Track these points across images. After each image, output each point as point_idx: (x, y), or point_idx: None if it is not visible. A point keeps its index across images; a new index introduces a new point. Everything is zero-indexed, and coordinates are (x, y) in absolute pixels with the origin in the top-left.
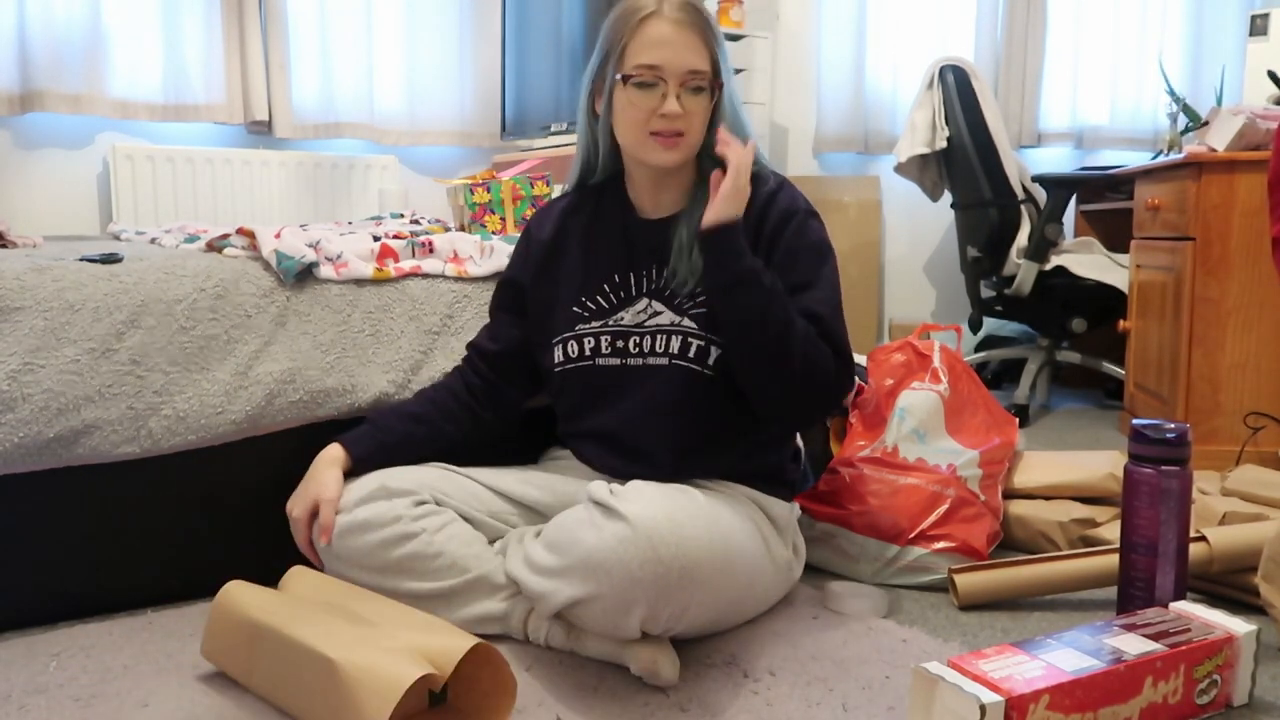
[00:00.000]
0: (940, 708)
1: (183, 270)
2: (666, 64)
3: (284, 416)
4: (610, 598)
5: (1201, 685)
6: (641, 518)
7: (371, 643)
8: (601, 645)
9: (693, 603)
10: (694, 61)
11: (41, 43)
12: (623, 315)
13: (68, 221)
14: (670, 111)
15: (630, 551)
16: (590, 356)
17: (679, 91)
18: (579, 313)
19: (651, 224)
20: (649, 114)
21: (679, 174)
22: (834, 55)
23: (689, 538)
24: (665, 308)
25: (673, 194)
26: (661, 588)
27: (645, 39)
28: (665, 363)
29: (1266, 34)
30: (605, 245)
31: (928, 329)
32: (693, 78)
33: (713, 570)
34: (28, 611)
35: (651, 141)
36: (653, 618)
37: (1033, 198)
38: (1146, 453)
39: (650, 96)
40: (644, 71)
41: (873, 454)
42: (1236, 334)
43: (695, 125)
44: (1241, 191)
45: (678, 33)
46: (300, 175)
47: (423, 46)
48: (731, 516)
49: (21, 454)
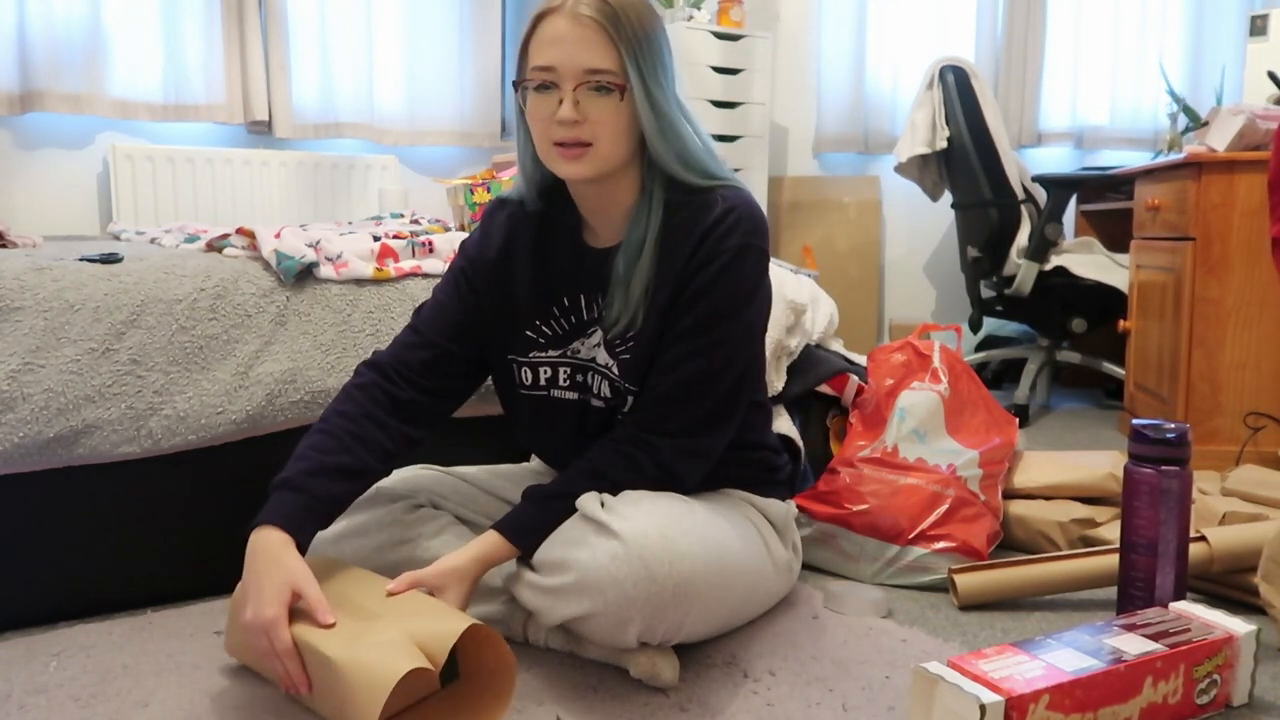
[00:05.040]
0: (940, 708)
1: (182, 270)
2: (560, 64)
3: (284, 416)
4: (605, 615)
5: (1201, 685)
6: (634, 535)
7: (370, 637)
8: (602, 648)
9: (689, 617)
10: (591, 59)
11: (41, 43)
12: (579, 347)
13: (68, 221)
14: (563, 117)
15: (623, 570)
16: (546, 387)
17: (577, 94)
18: (533, 338)
19: (595, 252)
20: (548, 122)
21: (616, 190)
22: (834, 55)
23: (683, 554)
24: (602, 344)
25: (614, 215)
26: (656, 606)
27: (541, 38)
28: (603, 406)
29: (1266, 34)
30: (553, 264)
31: (928, 329)
32: (591, 77)
33: (708, 586)
34: (28, 611)
35: (555, 153)
36: (649, 632)
37: (1033, 198)
38: (1146, 453)
39: (548, 102)
40: (537, 74)
41: (873, 454)
42: (1236, 334)
43: (603, 133)
44: (1241, 191)
45: (574, 29)
46: (300, 175)
47: (423, 46)
48: (729, 525)
49: (21, 454)
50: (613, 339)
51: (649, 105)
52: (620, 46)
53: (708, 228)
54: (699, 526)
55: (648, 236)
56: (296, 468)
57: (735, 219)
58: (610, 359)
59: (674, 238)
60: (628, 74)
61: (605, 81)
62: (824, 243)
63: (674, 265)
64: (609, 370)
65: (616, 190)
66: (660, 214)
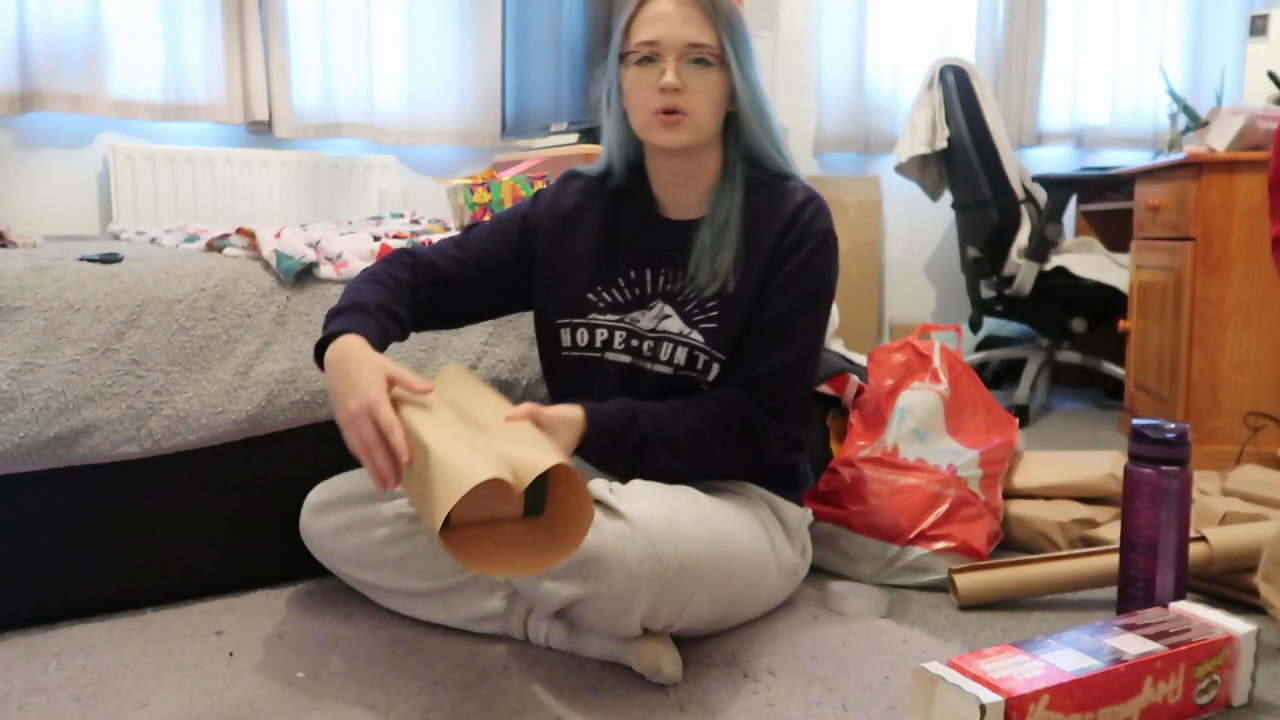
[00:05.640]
0: (940, 708)
1: (182, 270)
2: (663, 38)
3: (284, 417)
4: (609, 596)
5: (1201, 685)
6: (640, 517)
7: (468, 442)
8: (603, 645)
9: (693, 599)
10: (693, 35)
11: (41, 43)
12: (638, 317)
13: (68, 221)
14: (666, 83)
15: (629, 549)
16: (600, 349)
17: (678, 66)
18: (593, 300)
19: (672, 224)
20: (651, 91)
21: (699, 167)
22: (834, 55)
23: (687, 536)
24: (675, 313)
25: (695, 191)
26: (661, 585)
27: (645, 17)
28: (670, 372)
29: (1266, 34)
30: (624, 235)
31: (928, 329)
32: (692, 50)
33: (711, 567)
34: (28, 611)
35: (655, 121)
36: (653, 615)
37: (1033, 198)
38: (1146, 453)
39: (651, 73)
40: (643, 48)
41: (873, 454)
42: (1236, 334)
43: (699, 103)
44: (1241, 192)
45: (678, 8)
46: (300, 175)
47: (423, 46)
48: (734, 516)
49: (21, 454)
50: (692, 309)
51: (745, 80)
52: (718, 25)
53: (795, 210)
54: (704, 513)
55: (732, 211)
56: (368, 298)
57: (818, 206)
58: (688, 328)
59: (759, 216)
60: (724, 49)
61: (705, 55)
62: None
63: (763, 243)
64: (686, 338)
65: (700, 166)
66: (742, 192)
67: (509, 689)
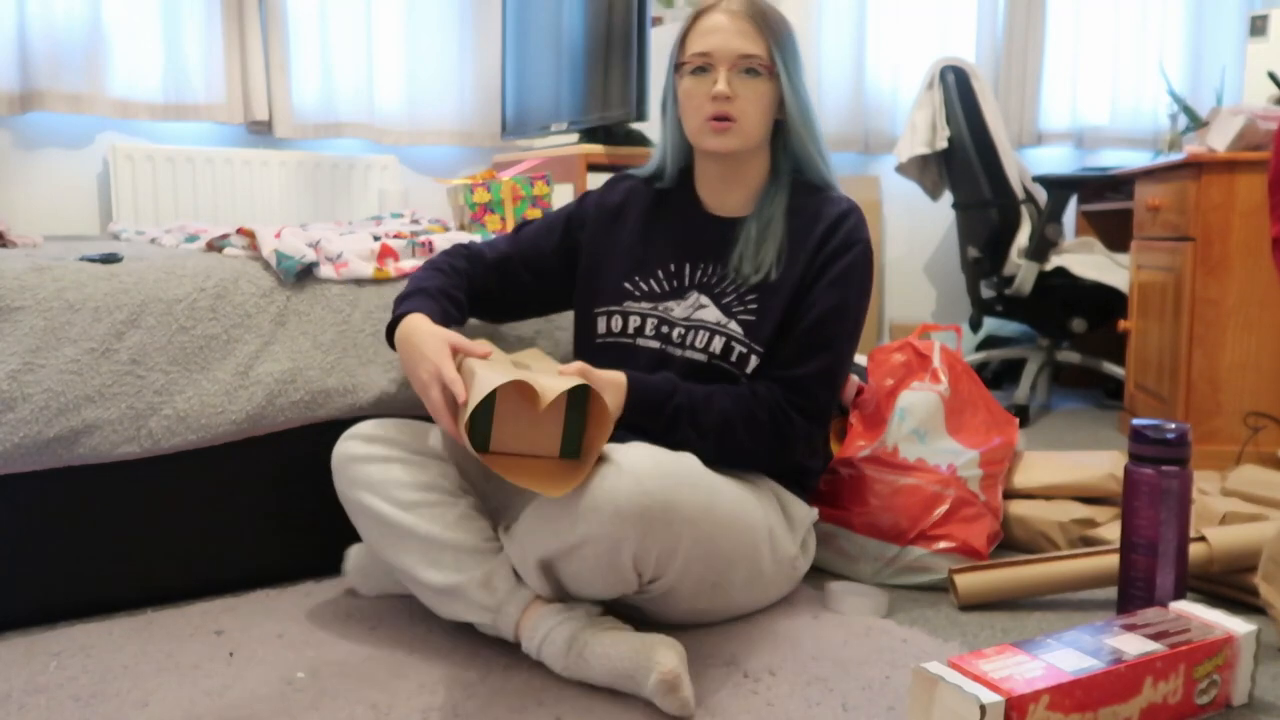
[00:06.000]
0: (940, 708)
1: (182, 270)
2: (716, 49)
3: (285, 417)
4: (600, 538)
5: (1201, 685)
6: (628, 460)
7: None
8: (608, 669)
9: (682, 543)
10: (744, 46)
11: (41, 43)
12: (672, 306)
13: (68, 221)
14: (718, 92)
15: (617, 487)
16: (633, 335)
17: (730, 75)
18: (630, 289)
19: (715, 220)
20: (704, 99)
21: (747, 171)
22: (834, 55)
23: (671, 474)
24: (713, 304)
25: (741, 193)
26: (648, 521)
27: (700, 29)
28: (704, 360)
29: (1266, 34)
30: (666, 230)
31: (927, 329)
32: (743, 61)
33: (698, 510)
34: (28, 611)
35: (707, 127)
36: (644, 556)
37: (1033, 198)
38: (1146, 453)
39: (704, 82)
40: (697, 58)
41: (873, 454)
42: (1236, 334)
43: (749, 111)
44: (1241, 192)
45: (730, 21)
46: (300, 175)
47: (423, 46)
48: (730, 483)
49: (21, 454)
50: (730, 301)
51: (793, 90)
52: (768, 37)
53: (837, 218)
54: (693, 467)
55: (776, 210)
56: (430, 284)
57: (859, 218)
58: (725, 318)
59: (802, 216)
60: (774, 60)
61: (755, 65)
62: None
63: (806, 240)
64: (724, 328)
65: (748, 169)
66: (786, 194)
67: (509, 689)
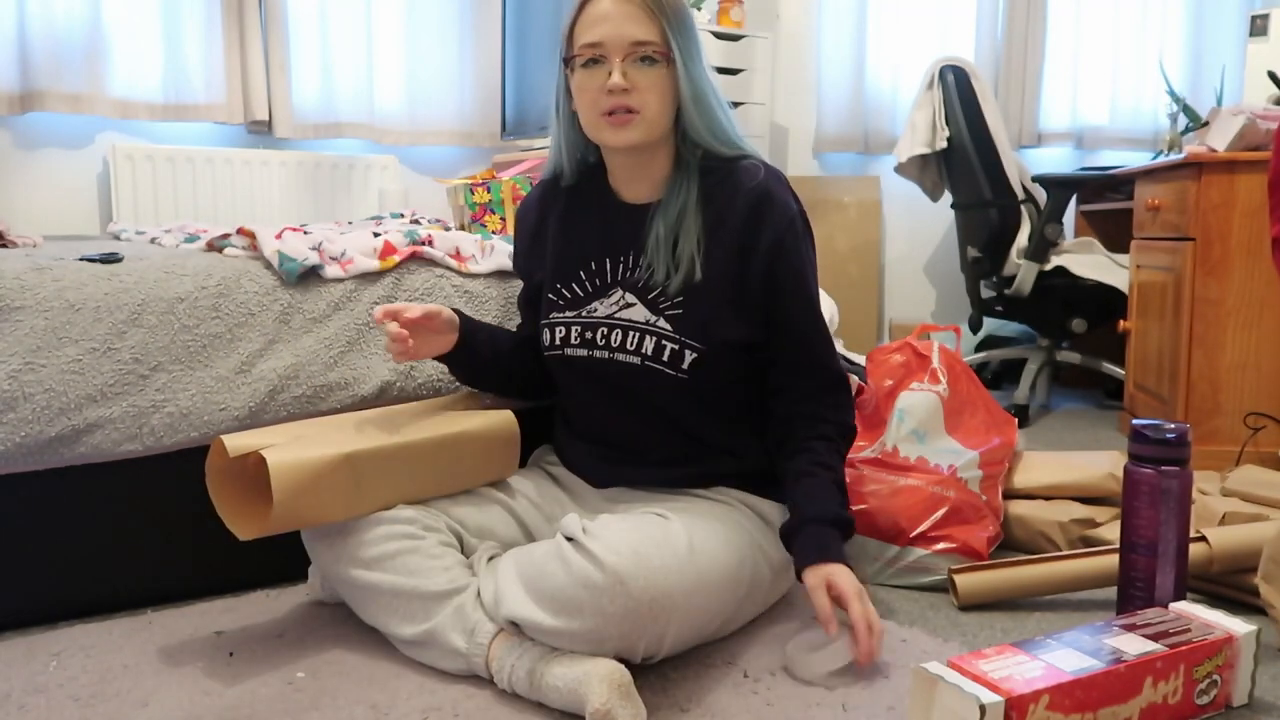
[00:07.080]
0: (940, 708)
1: (183, 269)
2: (607, 38)
3: (287, 411)
4: (583, 633)
5: (1201, 685)
6: (607, 554)
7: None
8: (560, 696)
9: (670, 630)
10: (637, 33)
11: (41, 43)
12: (595, 306)
13: (68, 221)
14: (613, 85)
15: (600, 587)
16: (560, 346)
17: (624, 65)
18: (554, 300)
19: (630, 208)
20: (598, 93)
21: (652, 160)
22: (834, 55)
23: (657, 568)
24: (639, 302)
25: (649, 182)
26: (633, 621)
27: (588, 18)
28: (637, 362)
29: (1266, 34)
30: (583, 230)
31: (927, 329)
32: (638, 48)
33: (685, 596)
34: (28, 611)
35: (604, 122)
36: (629, 649)
37: (1033, 198)
38: (1146, 453)
39: (597, 75)
40: (587, 50)
41: (873, 454)
42: (1236, 334)
43: (650, 100)
44: (1241, 192)
45: (619, 7)
46: (300, 175)
47: (423, 46)
48: (712, 535)
49: (23, 453)
50: (656, 296)
51: (688, 76)
52: (662, 21)
53: (758, 198)
54: (674, 541)
55: (688, 201)
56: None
57: (778, 186)
58: (653, 315)
59: (716, 199)
60: (669, 45)
61: (651, 52)
62: (824, 243)
63: (727, 222)
64: (654, 326)
65: (653, 161)
66: (696, 179)
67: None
